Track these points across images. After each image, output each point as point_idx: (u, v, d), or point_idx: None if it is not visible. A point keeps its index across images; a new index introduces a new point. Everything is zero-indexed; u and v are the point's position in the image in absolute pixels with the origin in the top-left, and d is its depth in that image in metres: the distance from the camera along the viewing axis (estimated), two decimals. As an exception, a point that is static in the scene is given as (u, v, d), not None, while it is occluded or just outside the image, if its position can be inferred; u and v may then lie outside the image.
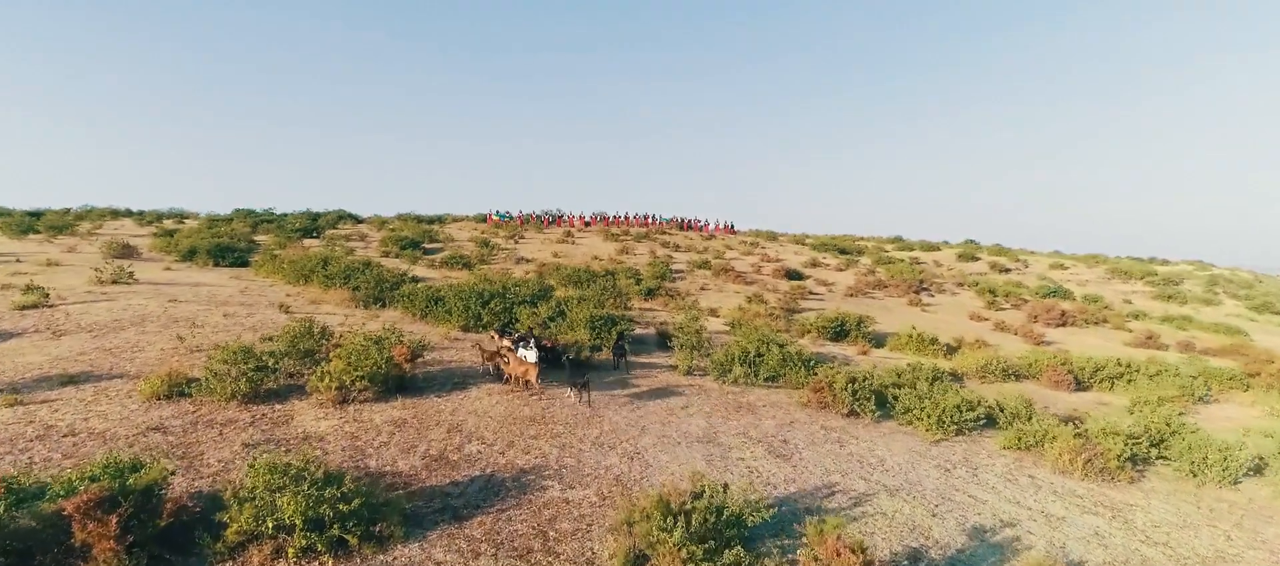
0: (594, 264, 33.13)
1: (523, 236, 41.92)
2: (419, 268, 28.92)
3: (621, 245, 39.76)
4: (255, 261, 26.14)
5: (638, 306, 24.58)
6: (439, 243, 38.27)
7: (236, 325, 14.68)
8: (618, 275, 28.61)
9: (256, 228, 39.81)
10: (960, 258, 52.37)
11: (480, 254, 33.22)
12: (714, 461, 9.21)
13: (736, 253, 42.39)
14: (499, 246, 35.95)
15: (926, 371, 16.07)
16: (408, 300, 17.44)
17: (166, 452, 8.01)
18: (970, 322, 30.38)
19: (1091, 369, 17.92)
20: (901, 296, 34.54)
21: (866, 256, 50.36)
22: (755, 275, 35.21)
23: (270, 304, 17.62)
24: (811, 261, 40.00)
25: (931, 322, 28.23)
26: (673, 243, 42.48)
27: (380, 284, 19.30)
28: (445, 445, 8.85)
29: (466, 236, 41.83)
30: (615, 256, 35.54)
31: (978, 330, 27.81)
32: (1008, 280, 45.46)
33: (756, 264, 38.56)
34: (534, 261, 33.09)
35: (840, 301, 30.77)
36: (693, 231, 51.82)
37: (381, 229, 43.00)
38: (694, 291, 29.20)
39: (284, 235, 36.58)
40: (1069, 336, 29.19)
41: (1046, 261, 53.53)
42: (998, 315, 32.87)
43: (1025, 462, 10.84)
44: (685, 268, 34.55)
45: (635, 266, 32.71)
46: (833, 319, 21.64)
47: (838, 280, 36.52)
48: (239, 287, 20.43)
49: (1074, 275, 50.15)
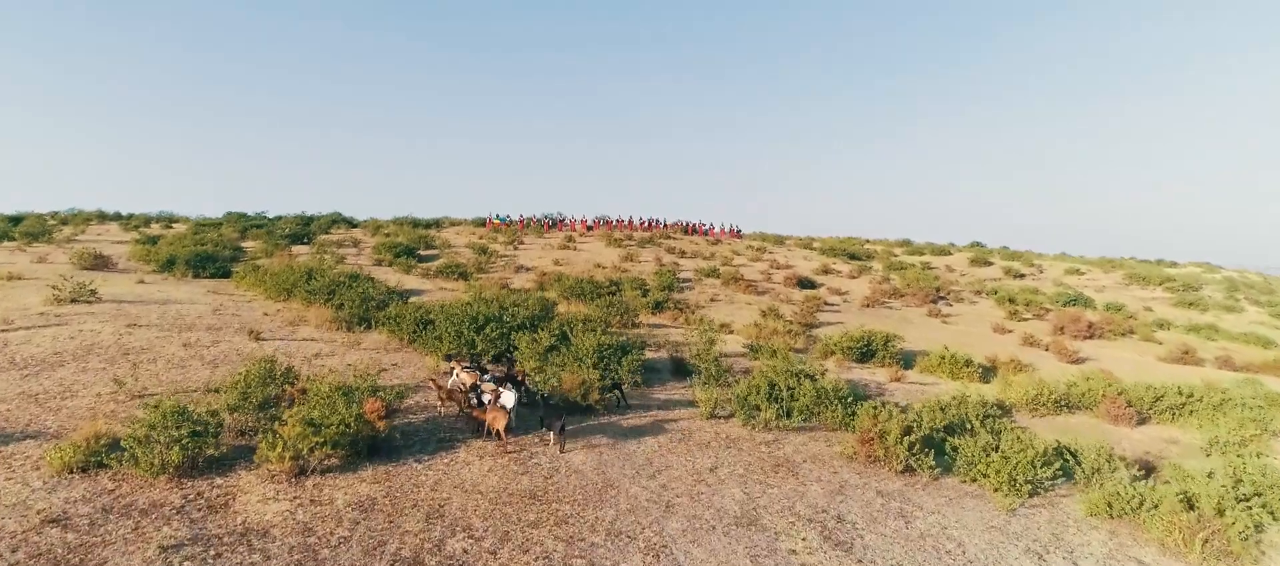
0: (597, 272, 31.20)
1: (522, 242, 39.97)
2: (412, 279, 26.98)
3: (625, 251, 37.79)
4: (237, 273, 24.19)
5: (646, 322, 22.66)
6: (435, 249, 36.32)
7: (195, 358, 12.74)
8: (623, 286, 26.70)
9: (245, 233, 37.85)
10: (973, 262, 50.44)
11: (478, 262, 31.28)
12: (760, 558, 7.28)
13: (744, 259, 40.45)
14: (497, 254, 34.00)
15: (974, 405, 14.17)
16: (394, 323, 15.50)
17: (59, 565, 6.09)
18: (995, 336, 28.47)
19: (1150, 398, 16.00)
20: (920, 306, 32.64)
21: (877, 261, 48.44)
22: (766, 283, 33.28)
23: (242, 327, 15.68)
24: (822, 268, 38.07)
25: (955, 336, 26.32)
26: (678, 248, 40.53)
27: (365, 303, 17.36)
28: (422, 542, 6.92)
29: (464, 242, 39.85)
30: (619, 264, 33.60)
31: (1005, 345, 25.89)
32: (1024, 287, 43.55)
33: (766, 271, 36.63)
34: (534, 270, 31.15)
35: (858, 313, 28.86)
36: (697, 235, 49.85)
37: (376, 234, 41.04)
38: (704, 303, 27.27)
39: (273, 242, 34.61)
40: (1099, 350, 27.30)
41: (1060, 266, 51.63)
42: (1021, 326, 30.98)
43: (1124, 537, 8.94)
44: (693, 276, 32.61)
45: (640, 275, 30.77)
46: (858, 338, 19.73)
47: (852, 289, 34.58)
48: (213, 305, 18.48)
49: (1090, 281, 48.23)
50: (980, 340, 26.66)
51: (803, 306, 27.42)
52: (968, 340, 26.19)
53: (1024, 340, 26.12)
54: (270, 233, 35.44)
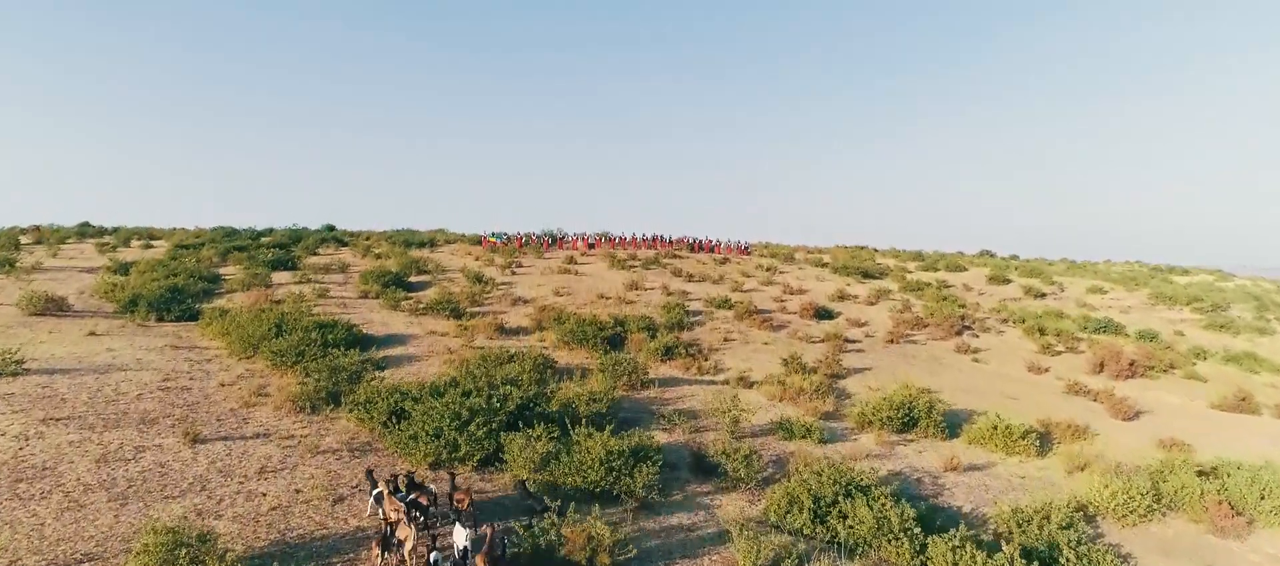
0: (600, 305, 28.64)
1: (520, 265, 37.37)
2: (399, 318, 24.40)
3: (629, 276, 35.25)
4: (203, 318, 21.62)
5: (655, 373, 20.13)
6: (427, 273, 33.73)
7: (104, 487, 10.13)
8: (628, 326, 24.15)
9: (227, 255, 35.24)
10: (990, 280, 47.87)
11: (472, 293, 28.69)
12: None
13: (755, 281, 37.88)
14: (493, 282, 31.41)
15: (1060, 512, 11.72)
16: (365, 409, 12.92)
17: None
18: (1032, 378, 25.97)
19: (1254, 494, 13.48)
20: (945, 338, 30.12)
21: (891, 279, 45.89)
22: (782, 314, 30.74)
23: (184, 416, 13.10)
24: (838, 294, 35.51)
25: (991, 382, 23.82)
26: (685, 271, 37.94)
27: (335, 373, 14.78)
28: None
29: (459, 264, 37.24)
30: (623, 293, 31.03)
31: (1048, 394, 23.40)
32: (1047, 309, 41.03)
33: (780, 297, 34.06)
34: (532, 302, 28.57)
35: (883, 351, 26.32)
36: (704, 253, 47.27)
37: (365, 255, 38.44)
38: (717, 342, 24.73)
39: (254, 267, 32.02)
40: (1144, 393, 24.82)
41: (1081, 284, 49.08)
42: (1056, 361, 28.50)
43: None
44: (703, 307, 30.04)
45: (647, 307, 28.20)
46: (898, 404, 17.17)
47: (872, 319, 32.03)
48: (164, 372, 15.90)
49: (1114, 300, 45.69)
50: (1018, 385, 24.14)
51: (826, 349, 24.87)
52: (1004, 385, 23.67)
53: (1069, 387, 23.58)
54: (252, 257, 32.84)
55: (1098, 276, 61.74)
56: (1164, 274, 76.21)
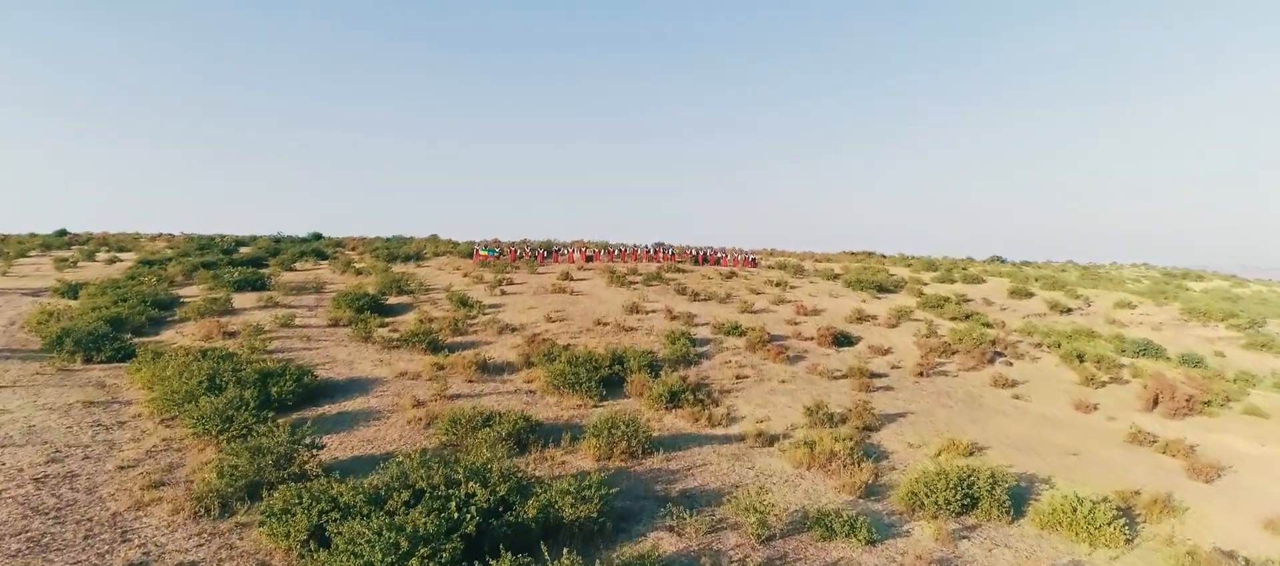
0: (597, 333, 25.44)
1: (511, 282, 34.14)
2: (368, 355, 21.20)
3: (630, 295, 32.06)
4: (134, 361, 18.44)
5: (658, 427, 16.98)
6: (410, 293, 30.54)
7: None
8: (628, 362, 20.97)
9: (193, 272, 32.04)
10: (1011, 293, 44.63)
11: (455, 319, 25.48)
12: None
13: (765, 299, 34.66)
14: (480, 306, 28.21)
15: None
16: (280, 521, 9.69)
17: None
18: (1082, 418, 22.79)
19: None
20: (977, 367, 26.93)
21: (907, 293, 42.67)
22: (797, 340, 27.53)
23: (37, 538, 9.91)
24: (856, 315, 32.26)
25: (1037, 426, 20.62)
26: (690, 288, 34.70)
27: (258, 457, 11.57)
28: None
29: (446, 282, 34.06)
30: (623, 318, 27.81)
31: (1104, 439, 20.24)
32: (1076, 326, 37.84)
33: (793, 319, 30.85)
34: (522, 330, 25.37)
35: (914, 388, 23.12)
36: (710, 265, 44.01)
37: (345, 271, 35.23)
38: (728, 380, 21.55)
39: (219, 286, 28.86)
40: (1207, 434, 21.69)
41: (1108, 297, 45.82)
42: (1102, 395, 25.34)
43: None
44: (711, 334, 26.84)
45: (649, 341, 25.01)
46: (956, 481, 13.94)
47: (895, 344, 28.82)
48: (54, 448, 12.71)
49: (1144, 316, 42.45)
50: (1072, 432, 20.91)
51: (852, 388, 21.67)
52: (1057, 434, 20.45)
53: (1131, 436, 20.36)
54: (217, 275, 29.63)
55: (1114, 284, 58.62)
56: (1177, 280, 73.05)
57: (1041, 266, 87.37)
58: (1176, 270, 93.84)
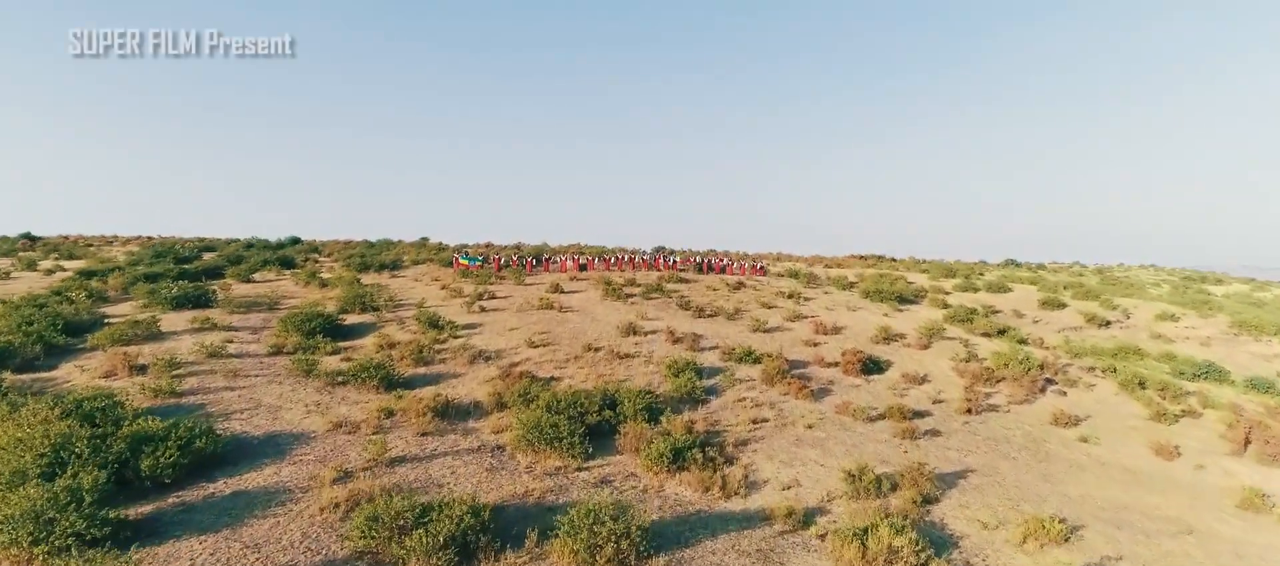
0: (587, 362, 21.30)
1: (494, 295, 29.99)
2: (303, 398, 17.04)
3: (626, 310, 27.95)
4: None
5: (659, 497, 12.90)
6: (375, 310, 26.40)
7: None
8: (622, 405, 16.83)
9: (132, 287, 27.90)
10: (1043, 304, 40.42)
11: (421, 344, 21.37)
12: None
13: (779, 314, 30.50)
14: (452, 327, 24.05)
15: None
16: None
17: None
18: (1162, 464, 18.68)
19: None
20: (1029, 399, 22.82)
21: (929, 303, 38.52)
22: (820, 366, 23.38)
23: None
24: (882, 334, 28.07)
25: (1127, 487, 16.45)
26: (694, 303, 30.55)
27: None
28: None
29: (420, 295, 29.92)
30: (617, 343, 23.67)
31: (1201, 494, 16.13)
32: (1120, 343, 33.70)
33: (813, 339, 26.69)
34: (498, 359, 21.24)
35: (964, 433, 18.96)
36: (715, 274, 39.80)
37: (309, 283, 31.08)
38: (744, 426, 17.41)
39: (155, 303, 24.76)
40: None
41: (1147, 309, 41.58)
42: (1177, 432, 21.25)
43: None
44: (720, 360, 22.72)
45: (648, 371, 20.87)
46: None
47: (932, 370, 24.67)
48: None
49: (1190, 330, 38.23)
50: (1164, 491, 16.76)
51: (896, 444, 17.52)
52: (1152, 496, 16.24)
53: (1244, 502, 16.22)
54: (154, 292, 25.47)
55: (1135, 289, 54.45)
56: (1197, 284, 68.85)
57: (1055, 270, 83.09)
58: (1194, 273, 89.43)
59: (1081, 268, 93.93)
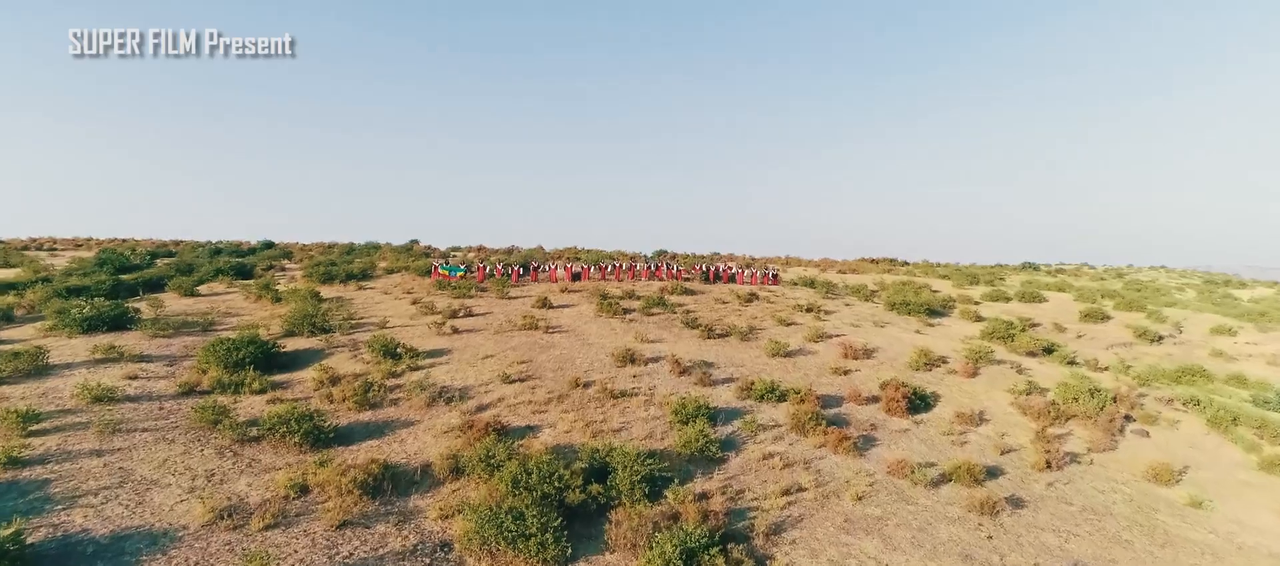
0: (575, 402, 16.96)
1: (471, 311, 25.66)
2: (194, 462, 12.71)
3: (624, 331, 23.65)
4: None
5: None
6: (327, 332, 22.06)
7: None
8: (614, 470, 12.54)
9: (54, 298, 23.57)
10: (1084, 317, 36.05)
11: (370, 380, 17.06)
12: None
13: (800, 333, 26.17)
14: (414, 355, 19.69)
15: None
16: None
17: None
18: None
19: None
20: (1109, 444, 18.52)
21: (960, 315, 34.20)
22: (856, 404, 19.07)
23: None
24: (921, 356, 23.71)
25: (1268, 564, 12.22)
26: (702, 321, 26.21)
27: None
28: None
29: (386, 312, 25.59)
30: (612, 377, 19.36)
31: None
32: (1181, 364, 29.35)
33: (842, 365, 22.35)
34: (462, 400, 16.89)
35: (1054, 505, 14.63)
36: (723, 283, 35.45)
37: (261, 297, 26.75)
38: (773, 499, 13.10)
39: (62, 325, 20.47)
40: None
41: (1200, 323, 37.19)
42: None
43: None
44: (737, 398, 18.39)
45: (648, 417, 16.53)
46: None
47: (989, 407, 20.34)
48: None
49: (1251, 346, 33.84)
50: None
51: (975, 521, 13.19)
52: None
53: None
54: (64, 310, 21.13)
55: (1159, 294, 50.20)
56: (1220, 288, 64.48)
57: (1075, 272, 78.63)
58: (1216, 276, 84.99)
59: (1092, 269, 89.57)
